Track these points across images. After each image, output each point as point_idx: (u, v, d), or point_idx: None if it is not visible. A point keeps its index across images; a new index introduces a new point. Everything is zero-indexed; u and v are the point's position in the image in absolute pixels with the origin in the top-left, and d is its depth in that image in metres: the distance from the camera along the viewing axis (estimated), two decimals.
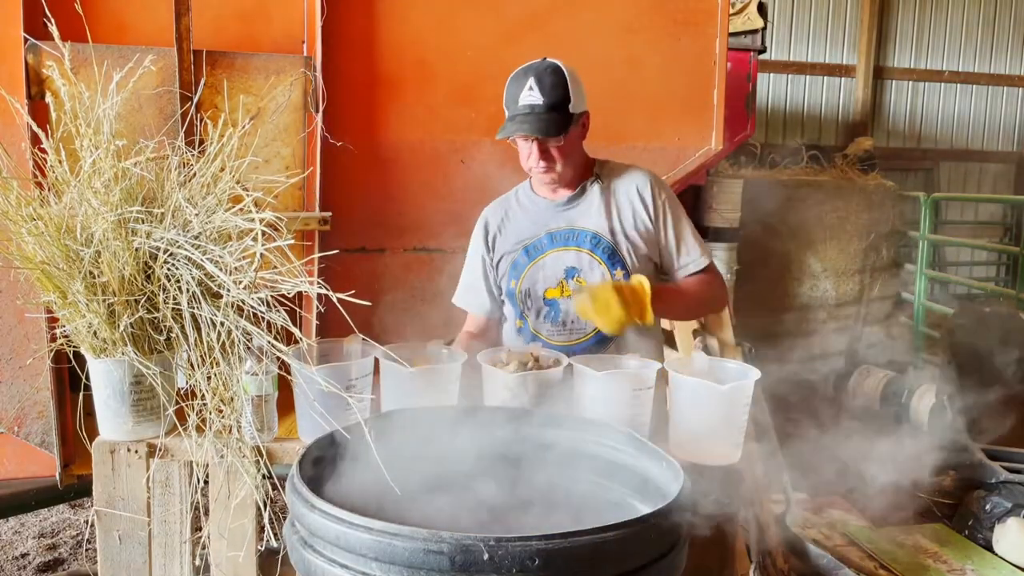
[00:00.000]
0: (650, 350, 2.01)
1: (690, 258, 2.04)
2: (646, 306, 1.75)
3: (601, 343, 1.98)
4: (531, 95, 1.89)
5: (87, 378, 1.63)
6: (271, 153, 2.31)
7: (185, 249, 1.48)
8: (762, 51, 4.49)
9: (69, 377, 2.26)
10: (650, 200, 2.02)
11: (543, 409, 1.60)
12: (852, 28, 7.90)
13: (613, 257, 1.99)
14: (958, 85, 8.30)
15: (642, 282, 1.77)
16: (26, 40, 2.07)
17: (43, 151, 1.65)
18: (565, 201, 2.04)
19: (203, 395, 1.50)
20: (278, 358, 1.59)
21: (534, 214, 2.06)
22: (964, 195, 8.11)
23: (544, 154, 1.92)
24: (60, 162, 1.59)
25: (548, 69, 1.91)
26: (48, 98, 2.10)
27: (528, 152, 1.94)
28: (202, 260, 1.47)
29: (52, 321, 2.16)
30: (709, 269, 2.06)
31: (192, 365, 1.52)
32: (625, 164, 2.11)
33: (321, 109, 2.30)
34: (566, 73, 1.91)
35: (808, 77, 7.87)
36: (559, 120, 1.88)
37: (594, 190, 2.04)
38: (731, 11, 3.48)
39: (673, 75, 2.72)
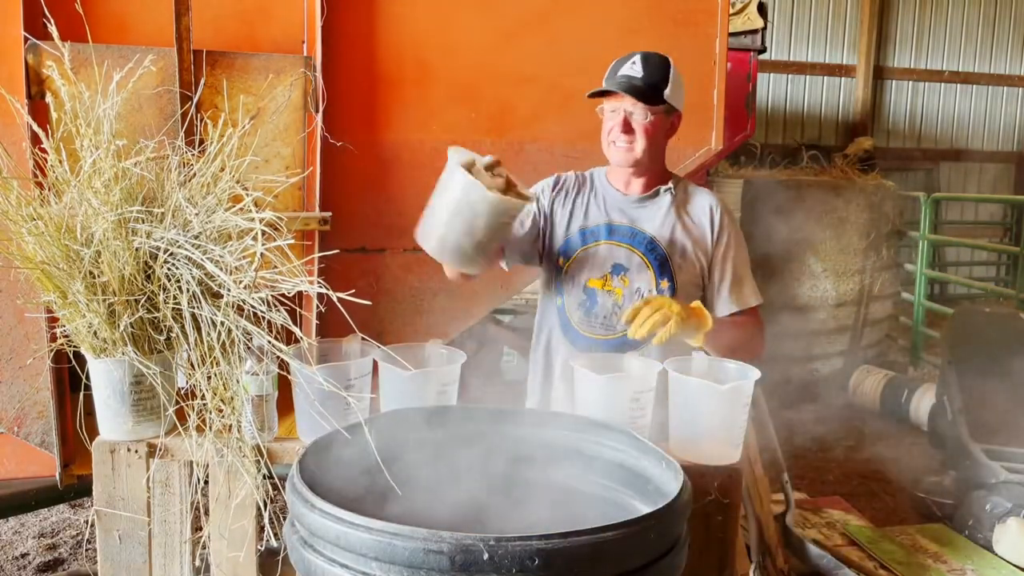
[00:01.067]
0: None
1: (741, 296, 2.04)
2: (703, 327, 1.78)
3: (628, 344, 1.93)
4: (632, 68, 1.93)
5: (87, 378, 1.63)
6: (271, 153, 2.31)
7: (185, 249, 1.48)
8: (762, 51, 4.49)
9: (69, 377, 2.25)
10: (719, 226, 2.03)
11: (544, 409, 1.60)
12: (852, 28, 7.91)
13: (663, 267, 1.98)
14: (958, 85, 8.31)
15: (703, 308, 1.81)
16: (26, 40, 2.07)
17: (43, 151, 1.65)
18: (635, 199, 2.04)
19: (203, 395, 1.50)
20: (278, 358, 1.59)
21: (603, 201, 2.06)
22: (964, 195, 8.12)
23: (627, 126, 1.93)
24: (60, 162, 1.59)
25: (658, 55, 1.96)
26: (48, 98, 2.10)
27: (612, 123, 1.95)
28: (202, 260, 1.47)
29: (52, 321, 2.16)
30: (754, 313, 2.06)
31: (192, 365, 1.52)
32: (699, 185, 2.13)
33: (321, 109, 2.30)
34: (672, 66, 1.96)
35: (808, 77, 7.88)
36: (651, 93, 1.91)
37: (666, 198, 2.04)
38: (731, 11, 3.48)
39: None
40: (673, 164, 2.79)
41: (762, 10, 4.41)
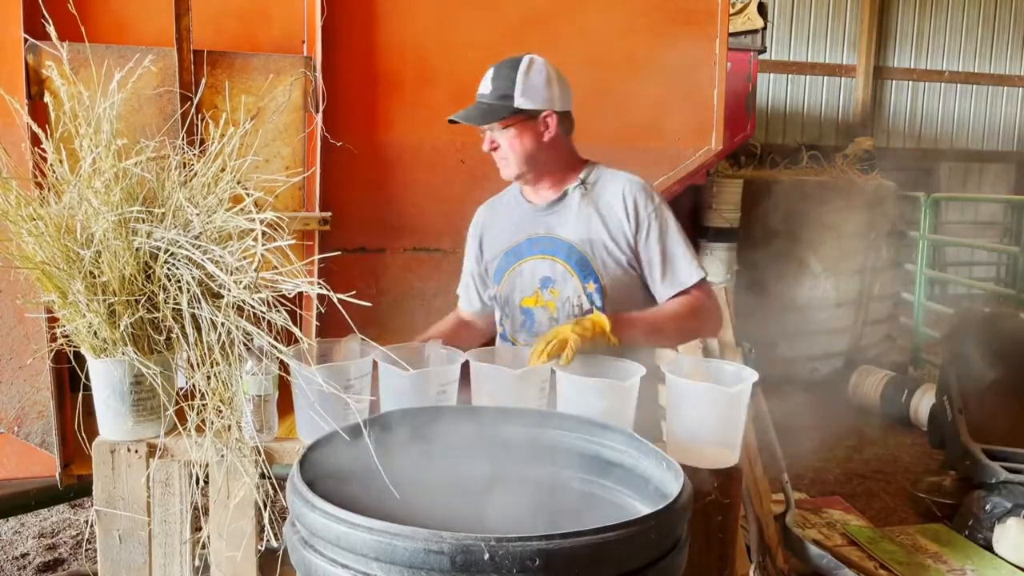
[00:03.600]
0: (641, 355, 1.90)
1: (675, 277, 1.91)
2: (607, 334, 1.72)
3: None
4: (484, 85, 1.90)
5: (87, 378, 1.63)
6: (271, 153, 2.31)
7: (185, 249, 1.48)
8: (762, 51, 4.50)
9: (69, 377, 2.26)
10: (633, 211, 1.91)
11: (542, 409, 1.60)
12: (852, 28, 7.91)
13: (586, 269, 1.91)
14: (958, 85, 8.31)
15: (599, 316, 1.75)
16: (26, 40, 2.07)
17: (43, 151, 1.65)
18: (545, 206, 1.98)
19: (203, 395, 1.50)
20: (278, 358, 1.59)
21: (518, 217, 2.02)
22: (964, 195, 8.12)
23: (492, 145, 1.91)
24: (60, 162, 1.59)
25: (509, 62, 1.88)
26: (48, 98, 2.10)
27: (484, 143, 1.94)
28: (203, 260, 1.47)
29: (52, 321, 2.16)
30: (700, 287, 1.92)
31: (192, 365, 1.52)
32: (617, 170, 2.00)
33: (321, 109, 2.30)
34: (521, 68, 1.86)
35: (808, 77, 7.88)
36: (494, 110, 1.86)
37: (575, 196, 1.95)
38: (731, 11, 3.48)
39: (673, 75, 2.72)
40: (673, 164, 2.80)
41: (762, 10, 4.41)
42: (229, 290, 1.44)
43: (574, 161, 2.00)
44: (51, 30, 1.77)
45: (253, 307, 1.44)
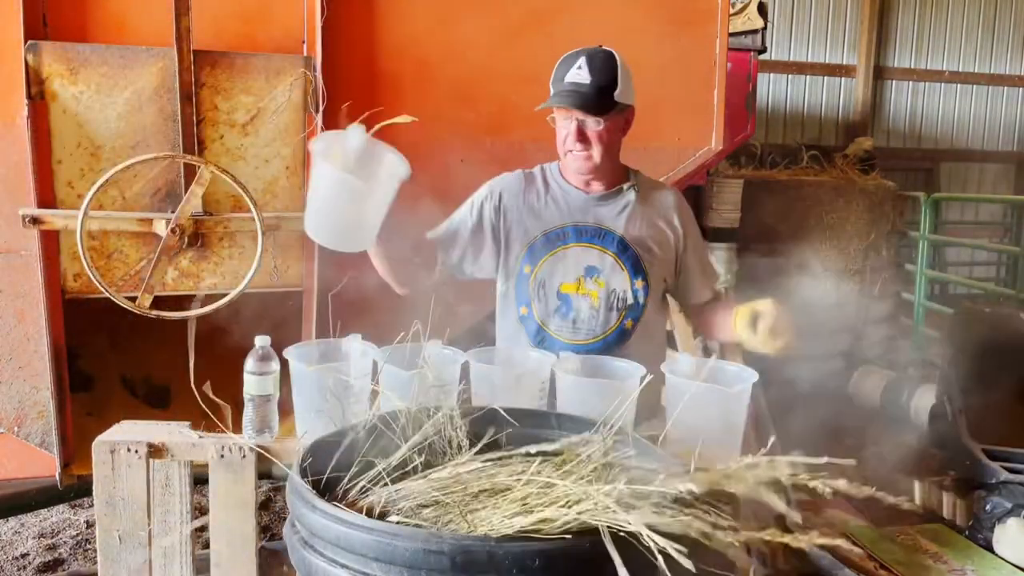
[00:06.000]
0: (654, 355, 1.97)
1: (710, 282, 2.11)
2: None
3: (608, 347, 1.94)
4: (579, 73, 1.87)
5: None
6: (271, 153, 2.31)
7: None
8: (762, 51, 4.49)
9: (69, 377, 2.26)
10: (680, 224, 2.05)
11: (542, 409, 1.60)
12: (852, 28, 7.90)
13: (636, 266, 1.97)
14: (958, 85, 8.30)
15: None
16: (26, 40, 2.07)
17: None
18: (598, 197, 2.01)
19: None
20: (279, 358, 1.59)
21: (563, 202, 2.01)
22: (964, 195, 8.11)
23: (581, 135, 1.89)
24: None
25: (601, 53, 1.90)
26: (48, 98, 2.10)
27: (566, 132, 1.91)
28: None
29: (52, 321, 2.16)
30: (723, 296, 2.15)
31: None
32: (655, 179, 2.15)
33: (321, 109, 2.30)
34: (618, 60, 1.90)
35: (808, 77, 7.87)
36: (603, 102, 1.87)
37: (630, 195, 2.01)
38: (731, 11, 3.48)
39: (673, 75, 2.71)
40: (673, 164, 2.80)
41: (762, 10, 4.41)
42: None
43: (620, 160, 2.07)
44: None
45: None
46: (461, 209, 2.07)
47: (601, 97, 1.86)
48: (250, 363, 1.57)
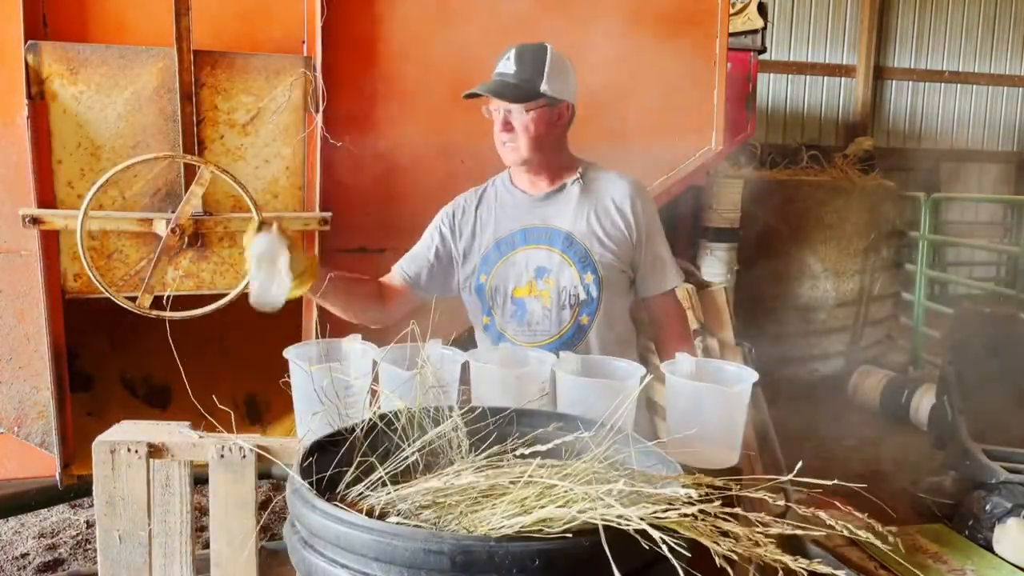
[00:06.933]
0: (616, 344, 1.97)
1: (663, 280, 2.03)
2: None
3: (565, 345, 1.93)
4: (506, 64, 1.89)
5: None
6: (271, 153, 2.31)
7: None
8: (762, 51, 4.49)
9: (69, 377, 2.26)
10: (632, 215, 1.98)
11: (542, 408, 1.60)
12: (852, 28, 7.91)
13: (585, 261, 1.94)
14: (958, 85, 8.31)
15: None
16: (26, 40, 2.07)
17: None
18: (542, 196, 2.00)
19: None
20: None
21: (510, 207, 2.02)
22: (964, 195, 8.11)
23: (507, 125, 1.90)
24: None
25: (533, 46, 1.91)
26: (48, 98, 2.10)
27: (496, 124, 1.92)
28: None
29: (52, 321, 2.16)
30: (671, 295, 2.06)
31: None
32: (611, 171, 2.06)
33: (321, 109, 2.30)
34: (550, 53, 1.89)
35: (808, 77, 7.88)
36: (524, 91, 1.87)
37: (574, 190, 1.99)
38: (731, 11, 3.48)
39: (673, 75, 2.72)
40: (673, 164, 2.80)
41: (762, 10, 4.41)
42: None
43: (570, 156, 2.05)
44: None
45: None
46: (423, 239, 2.12)
47: (523, 86, 1.86)
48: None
